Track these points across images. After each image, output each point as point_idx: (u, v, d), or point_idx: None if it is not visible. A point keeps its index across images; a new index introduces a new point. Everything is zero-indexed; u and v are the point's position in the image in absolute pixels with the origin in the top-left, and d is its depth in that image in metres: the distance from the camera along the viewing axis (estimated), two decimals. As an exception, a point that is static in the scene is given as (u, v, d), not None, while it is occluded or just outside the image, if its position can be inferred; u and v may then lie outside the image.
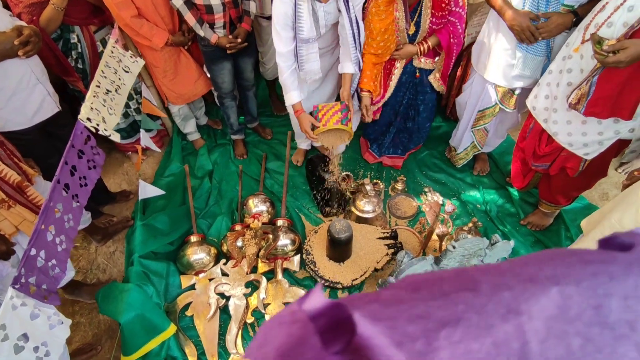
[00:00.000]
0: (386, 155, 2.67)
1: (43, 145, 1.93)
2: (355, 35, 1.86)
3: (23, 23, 1.74)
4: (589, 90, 1.59)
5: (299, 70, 1.97)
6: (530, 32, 1.75)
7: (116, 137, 1.59)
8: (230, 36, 2.17)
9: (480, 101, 2.24)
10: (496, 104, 2.17)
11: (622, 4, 1.44)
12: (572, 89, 1.67)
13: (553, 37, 1.79)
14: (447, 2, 1.87)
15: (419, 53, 2.05)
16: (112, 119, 1.62)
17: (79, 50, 2.22)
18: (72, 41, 2.18)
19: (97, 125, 1.49)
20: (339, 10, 1.81)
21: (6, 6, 1.90)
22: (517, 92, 2.08)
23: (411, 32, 1.99)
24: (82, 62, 2.27)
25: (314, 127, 1.97)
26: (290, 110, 2.50)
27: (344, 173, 2.59)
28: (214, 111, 3.19)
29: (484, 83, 2.16)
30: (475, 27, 2.38)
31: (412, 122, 2.41)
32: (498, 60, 2.02)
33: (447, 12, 1.91)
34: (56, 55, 2.10)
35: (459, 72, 2.66)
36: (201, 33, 2.11)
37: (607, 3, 1.51)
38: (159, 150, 2.52)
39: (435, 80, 2.20)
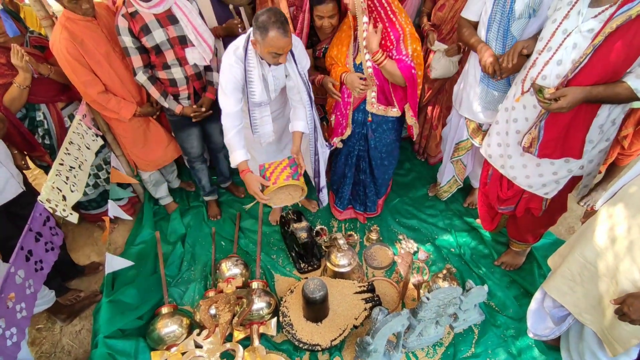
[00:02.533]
0: (351, 208, 2.70)
1: (4, 226, 1.88)
2: (310, 93, 1.92)
3: (-14, 109, 1.77)
4: (539, 134, 1.71)
5: (253, 134, 2.01)
6: (494, 69, 1.89)
7: (74, 219, 1.57)
8: (194, 106, 2.24)
9: (457, 134, 2.40)
10: (468, 138, 2.32)
11: (550, 59, 1.59)
12: (522, 135, 1.78)
13: (511, 74, 1.92)
14: (389, 46, 1.88)
15: (367, 85, 2.00)
16: (73, 196, 1.61)
17: (46, 126, 2.25)
18: (38, 119, 2.21)
19: (56, 206, 1.47)
20: (286, 75, 1.89)
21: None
22: (484, 127, 2.22)
23: (358, 61, 2.00)
24: (49, 138, 2.29)
25: (263, 188, 1.88)
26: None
27: (318, 227, 2.60)
28: (186, 173, 3.21)
29: (460, 117, 2.32)
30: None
31: (364, 174, 2.44)
32: (468, 95, 2.18)
33: (390, 54, 1.90)
34: (21, 133, 2.12)
35: (430, 112, 2.81)
36: (166, 105, 2.18)
37: (537, 59, 1.67)
38: (129, 218, 2.48)
39: (408, 117, 2.16)
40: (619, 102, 1.55)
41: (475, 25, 2.02)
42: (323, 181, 2.31)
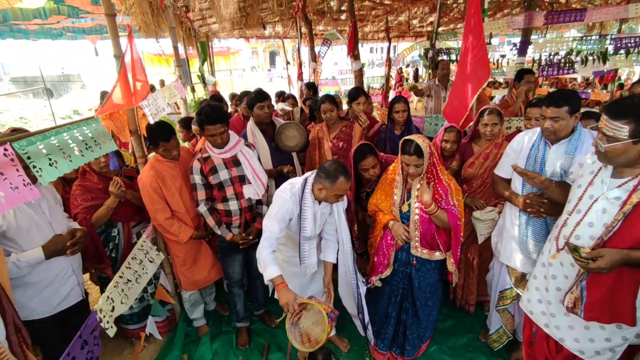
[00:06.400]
0: (391, 351, 2.55)
1: (53, 332, 2.00)
2: (344, 226, 2.14)
3: (76, 224, 2.11)
4: (582, 295, 1.63)
5: (300, 264, 2.18)
6: (530, 203, 2.04)
7: (111, 332, 1.68)
8: (243, 234, 2.51)
9: (500, 282, 2.37)
10: (512, 287, 2.26)
11: (581, 220, 1.63)
12: (564, 293, 1.71)
13: (547, 216, 2.02)
14: (437, 199, 2.11)
15: (410, 237, 2.18)
16: (121, 307, 1.76)
17: (116, 241, 2.58)
18: (112, 234, 2.56)
19: (103, 317, 1.62)
20: (329, 212, 2.15)
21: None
22: (527, 277, 2.17)
23: (404, 209, 2.22)
24: (116, 251, 2.59)
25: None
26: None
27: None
28: (222, 297, 3.30)
29: (501, 264, 2.33)
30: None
31: (406, 314, 2.39)
32: (506, 244, 2.25)
33: (440, 205, 2.12)
34: (96, 247, 2.44)
35: (468, 258, 2.82)
36: (218, 232, 2.47)
37: (567, 219, 1.71)
38: (160, 338, 2.54)
39: (449, 263, 2.24)
40: None
41: (507, 181, 2.26)
42: (367, 317, 2.31)
